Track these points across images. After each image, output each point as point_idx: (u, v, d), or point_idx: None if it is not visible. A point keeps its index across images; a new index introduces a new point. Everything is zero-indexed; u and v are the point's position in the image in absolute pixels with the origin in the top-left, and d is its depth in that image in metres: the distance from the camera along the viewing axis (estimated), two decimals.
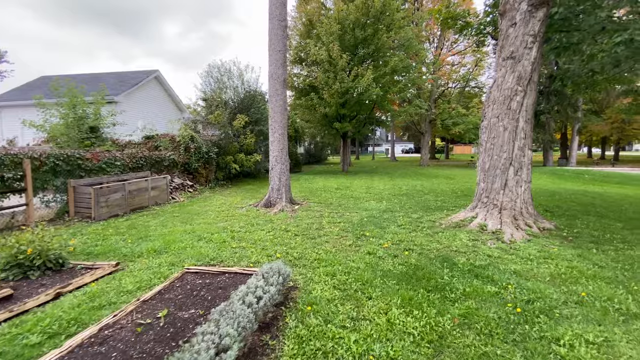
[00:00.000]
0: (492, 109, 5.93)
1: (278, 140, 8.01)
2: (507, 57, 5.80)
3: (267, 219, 6.78)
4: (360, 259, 4.24)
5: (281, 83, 7.85)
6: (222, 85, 15.34)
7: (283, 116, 7.97)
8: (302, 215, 7.10)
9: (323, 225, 6.11)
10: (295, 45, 17.73)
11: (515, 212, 5.66)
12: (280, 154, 8.06)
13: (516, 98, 5.69)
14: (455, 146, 61.22)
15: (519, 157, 5.71)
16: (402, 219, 6.45)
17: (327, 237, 5.28)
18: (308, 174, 18.81)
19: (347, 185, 12.54)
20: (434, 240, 5.02)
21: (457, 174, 18.45)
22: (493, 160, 5.86)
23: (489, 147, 5.96)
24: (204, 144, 11.52)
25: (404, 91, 18.76)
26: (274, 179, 8.12)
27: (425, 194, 10.08)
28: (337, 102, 15.59)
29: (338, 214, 7.08)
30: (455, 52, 32.81)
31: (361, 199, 9.24)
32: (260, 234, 5.60)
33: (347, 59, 14.82)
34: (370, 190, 10.90)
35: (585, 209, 7.46)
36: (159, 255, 4.70)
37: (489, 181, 5.91)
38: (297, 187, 12.12)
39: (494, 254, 4.32)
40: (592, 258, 4.18)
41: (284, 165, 8.12)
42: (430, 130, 29.37)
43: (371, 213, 7.12)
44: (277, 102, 7.89)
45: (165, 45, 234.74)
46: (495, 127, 5.86)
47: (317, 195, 9.94)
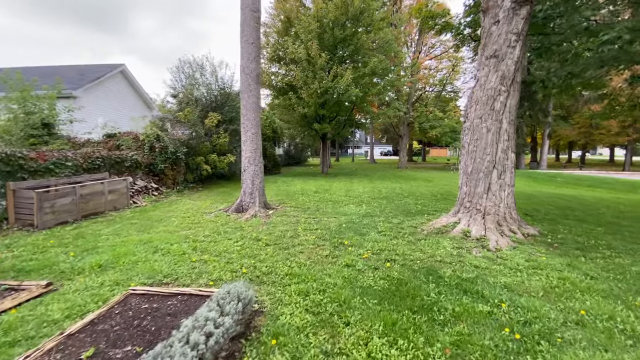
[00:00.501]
0: (475, 109, 5.68)
1: (251, 140, 7.43)
2: (490, 55, 5.57)
3: (237, 226, 6.17)
4: (337, 272, 3.77)
5: (254, 78, 7.28)
6: (194, 81, 14.49)
7: (256, 114, 7.40)
8: (277, 221, 6.55)
9: (298, 232, 5.60)
10: (273, 43, 17.15)
11: (499, 217, 5.42)
12: (254, 154, 7.47)
13: (500, 98, 5.46)
14: (431, 149, 62.69)
15: (503, 160, 5.48)
16: (383, 225, 6.06)
17: (302, 247, 4.77)
18: (286, 175, 18.23)
19: (326, 188, 12.09)
20: (416, 249, 4.65)
21: (434, 176, 18.53)
22: (476, 163, 5.60)
23: (471, 150, 5.70)
24: (171, 144, 10.68)
25: (382, 93, 18.64)
26: (246, 181, 7.51)
27: (405, 197, 9.82)
28: (316, 102, 15.16)
29: (315, 220, 6.59)
30: (432, 56, 33.42)
31: (340, 202, 8.81)
32: (226, 244, 5.00)
33: (326, 58, 14.43)
34: (350, 194, 10.51)
35: (564, 212, 7.42)
36: (104, 271, 4.01)
37: (472, 185, 5.65)
38: (274, 190, 11.53)
39: (481, 265, 3.99)
40: (582, 267, 3.94)
41: (258, 166, 7.54)
42: (408, 133, 29.63)
43: (350, 218, 6.70)
44: (249, 98, 7.31)
45: (141, 42, 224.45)
46: (478, 128, 5.61)
47: (295, 199, 9.41)
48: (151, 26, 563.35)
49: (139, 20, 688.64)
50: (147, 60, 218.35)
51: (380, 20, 15.95)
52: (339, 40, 15.73)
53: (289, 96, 15.60)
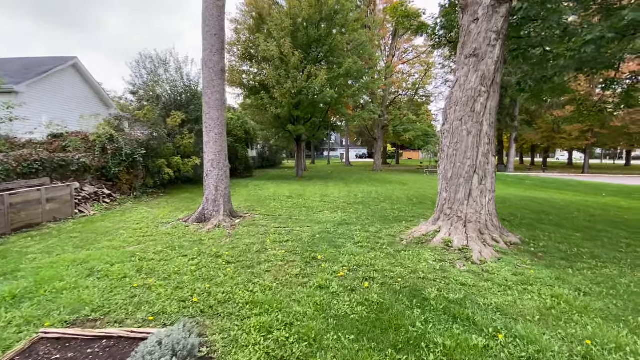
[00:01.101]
0: (455, 110, 5.37)
1: (214, 141, 6.71)
2: (470, 54, 5.28)
3: (197, 239, 5.44)
4: (308, 297, 3.21)
5: (218, 73, 6.58)
6: (156, 78, 13.42)
7: (220, 112, 6.70)
8: (243, 232, 5.88)
9: (266, 245, 4.98)
10: (244, 40, 16.38)
11: (481, 225, 5.12)
12: (218, 157, 6.75)
13: (480, 99, 5.18)
14: (404, 152, 63.99)
15: (484, 165, 5.20)
16: (359, 234, 5.59)
17: (269, 264, 4.16)
18: (259, 179, 17.45)
19: (300, 192, 11.51)
20: (396, 263, 4.19)
21: (409, 179, 18.53)
22: (456, 168, 5.28)
23: (451, 154, 5.38)
24: (127, 145, 9.63)
25: (357, 95, 18.40)
26: (209, 187, 6.77)
27: (381, 202, 9.47)
28: (289, 103, 14.56)
29: (286, 230, 5.99)
30: (405, 60, 33.99)
31: (314, 209, 8.27)
32: (180, 262, 4.28)
33: (300, 57, 13.90)
34: (325, 199, 10.00)
35: (539, 217, 7.36)
36: (17, 304, 3.19)
37: (452, 191, 5.32)
38: (244, 195, 10.78)
39: (468, 282, 3.59)
40: (571, 281, 3.66)
41: (222, 170, 6.83)
42: (382, 136, 29.77)
43: (325, 227, 6.17)
44: (212, 94, 6.59)
45: (109, 39, 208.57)
46: (458, 131, 5.29)
47: (265, 205, 8.74)
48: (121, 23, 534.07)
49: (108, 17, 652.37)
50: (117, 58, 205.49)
51: (354, 21, 15.69)
52: (313, 40, 15.27)
53: (261, 96, 14.88)
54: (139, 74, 13.29)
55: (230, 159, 19.55)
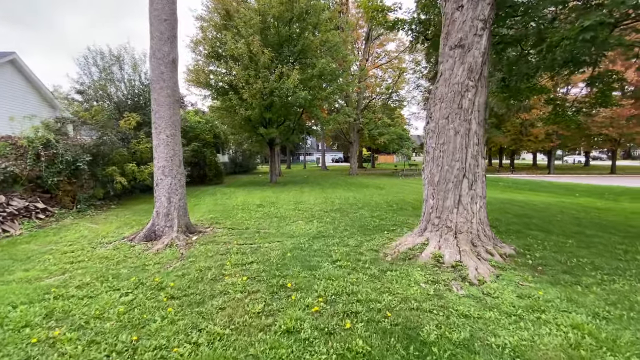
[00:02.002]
0: (440, 108, 4.80)
1: (166, 144, 5.72)
2: (455, 45, 4.74)
3: (139, 264, 4.44)
4: (271, 350, 2.39)
5: (168, 64, 5.62)
6: (110, 76, 12.07)
7: (172, 110, 5.73)
8: (199, 252, 4.94)
9: (224, 270, 4.10)
10: (210, 38, 15.32)
11: (473, 235, 4.55)
12: (170, 163, 5.76)
13: (468, 95, 4.64)
14: (379, 155, 64.53)
15: (473, 168, 4.65)
16: (338, 249, 4.84)
17: (225, 298, 3.29)
18: (230, 186, 16.31)
19: (272, 200, 10.62)
20: (383, 288, 3.47)
21: (385, 183, 18.16)
22: (444, 172, 4.69)
23: (437, 156, 4.79)
24: (68, 151, 8.31)
25: (331, 97, 17.81)
26: (160, 199, 5.76)
27: (360, 208, 8.81)
28: (260, 104, 13.66)
29: (252, 247, 5.12)
30: (378, 65, 34.17)
31: (287, 219, 7.44)
32: (108, 300, 3.31)
33: (270, 55, 13.08)
34: (300, 207, 9.19)
35: (524, 221, 6.99)
36: None
37: (440, 197, 4.72)
38: (209, 205, 9.72)
39: (471, 312, 2.93)
40: (585, 302, 3.12)
41: (176, 179, 5.84)
42: (358, 140, 29.49)
43: (298, 241, 5.36)
44: (162, 90, 5.62)
45: (71, 40, 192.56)
46: (444, 130, 4.72)
47: (232, 216, 7.79)
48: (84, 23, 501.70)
49: (69, 17, 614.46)
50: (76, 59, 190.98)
51: (327, 20, 15.13)
52: (284, 39, 14.52)
53: (230, 97, 13.88)
54: (88, 72, 11.88)
55: (198, 164, 18.33)
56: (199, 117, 19.73)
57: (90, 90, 11.25)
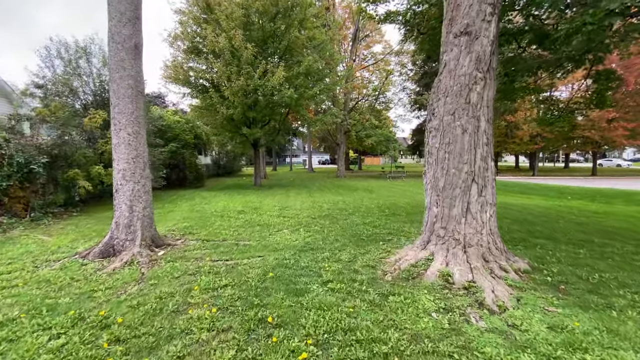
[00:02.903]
0: (445, 103, 4.21)
1: (127, 144, 4.89)
2: (461, 32, 4.18)
3: (87, 290, 3.62)
4: None
5: (130, 50, 4.81)
6: (77, 70, 10.99)
7: (135, 104, 4.91)
8: (164, 271, 4.15)
9: (191, 297, 3.34)
10: (189, 32, 14.40)
11: (483, 249, 3.97)
12: (132, 165, 4.94)
13: (476, 88, 4.08)
14: (366, 157, 64.45)
15: (483, 171, 4.08)
16: (329, 267, 4.16)
17: (185, 341, 2.55)
18: (211, 189, 15.37)
19: (255, 205, 9.84)
20: (386, 321, 2.82)
21: (374, 185, 17.66)
22: (450, 176, 4.10)
23: (442, 157, 4.19)
24: (20, 152, 7.29)
25: (318, 96, 17.17)
26: (120, 207, 4.92)
27: (350, 214, 8.18)
28: (243, 103, 12.85)
29: (228, 265, 4.37)
30: (364, 66, 33.92)
31: (271, 227, 6.71)
32: (32, 345, 2.50)
33: (254, 50, 12.31)
34: (285, 213, 8.47)
35: (526, 228, 6.53)
36: None
37: (446, 205, 4.12)
38: (185, 212, 8.85)
39: (501, 355, 2.32)
40: (628, 334, 2.57)
41: (140, 184, 5.02)
42: (345, 141, 28.97)
43: (282, 256, 4.65)
44: (122, 80, 4.80)
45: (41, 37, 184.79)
46: (450, 128, 4.14)
47: (209, 225, 6.98)
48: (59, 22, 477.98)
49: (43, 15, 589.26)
50: None
51: (313, 16, 14.51)
52: (269, 35, 13.79)
53: (210, 94, 13.01)
54: (50, 65, 10.76)
55: (177, 167, 17.27)
56: (179, 117, 18.67)
57: (51, 85, 10.15)
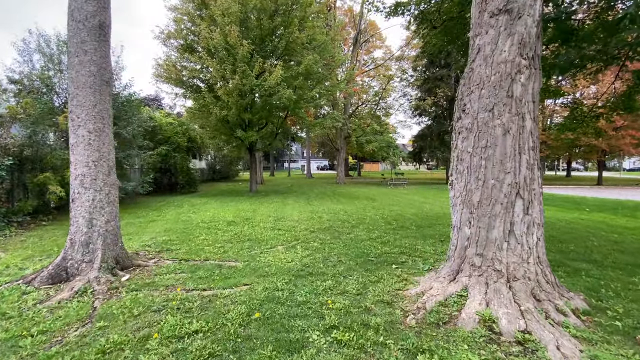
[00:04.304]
0: (480, 96, 3.37)
1: (87, 144, 4.02)
2: (500, 10, 3.36)
3: (14, 334, 2.71)
4: None
5: (93, 31, 3.96)
6: (59, 66, 10.14)
7: (99, 96, 4.05)
8: (122, 306, 3.23)
9: (144, 354, 2.44)
10: (183, 29, 13.64)
11: (532, 282, 3.10)
12: (93, 170, 4.05)
13: (520, 78, 3.25)
14: (364, 163, 63.72)
15: (529, 182, 3.23)
16: (333, 302, 3.27)
17: None
18: (203, 195, 14.46)
19: (248, 215, 8.94)
20: None
21: (376, 193, 16.79)
22: (488, 188, 3.24)
23: (477, 164, 3.34)
24: None
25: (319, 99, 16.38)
26: (77, 221, 4.02)
27: (354, 227, 7.30)
28: (238, 103, 12.01)
29: (205, 298, 3.47)
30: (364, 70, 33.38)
31: (263, 243, 5.81)
32: None
33: (250, 48, 11.53)
34: (280, 224, 7.57)
35: (558, 247, 5.66)
36: None
37: (482, 225, 3.26)
38: (169, 221, 7.93)
39: None
40: None
41: (103, 192, 4.13)
42: (345, 147, 28.20)
43: (274, 285, 3.75)
44: (83, 66, 3.95)
45: None
46: (488, 127, 3.29)
47: (192, 239, 6.08)
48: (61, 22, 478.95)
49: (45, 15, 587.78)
50: None
51: (314, 14, 13.79)
52: (267, 33, 13.02)
53: (203, 94, 12.19)
54: (28, 59, 9.90)
55: (169, 171, 16.34)
56: (172, 118, 17.83)
57: (27, 81, 9.28)
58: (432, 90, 25.08)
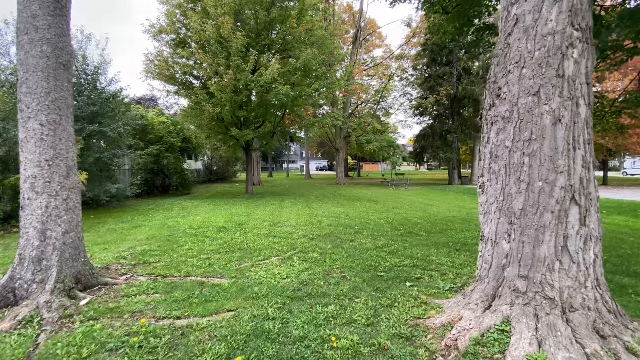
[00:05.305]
0: (521, 77, 2.70)
1: (39, 139, 3.34)
2: None
3: None
4: None
5: (46, 3, 3.28)
6: None
7: (55, 82, 3.37)
8: (69, 344, 2.54)
9: None
10: (175, 22, 12.97)
11: (593, 313, 2.42)
12: (48, 171, 3.37)
13: (572, 53, 2.58)
14: (364, 164, 63.07)
15: (586, 185, 2.55)
16: (337, 339, 2.58)
17: None
18: (196, 198, 13.77)
19: (242, 220, 8.25)
20: None
21: (378, 195, 16.13)
22: (535, 193, 2.57)
23: (519, 162, 2.66)
24: None
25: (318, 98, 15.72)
26: (27, 233, 3.33)
27: (357, 233, 6.62)
28: (232, 100, 11.33)
29: (177, 330, 2.78)
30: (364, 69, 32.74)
31: (256, 253, 5.13)
32: None
33: (245, 41, 10.86)
34: (276, 230, 6.90)
35: None
36: None
37: (526, 239, 2.58)
38: (155, 227, 7.24)
39: None
40: None
41: (61, 198, 3.44)
42: (345, 147, 27.53)
43: (264, 312, 3.06)
44: (34, 46, 3.27)
45: None
46: (532, 115, 2.62)
47: (176, 249, 5.39)
48: None
49: None
50: None
51: (313, 6, 13.13)
52: (263, 27, 12.36)
53: (195, 91, 11.51)
54: (6, 52, 9.22)
55: (162, 172, 15.61)
56: (165, 118, 17.14)
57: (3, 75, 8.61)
58: (434, 89, 24.46)
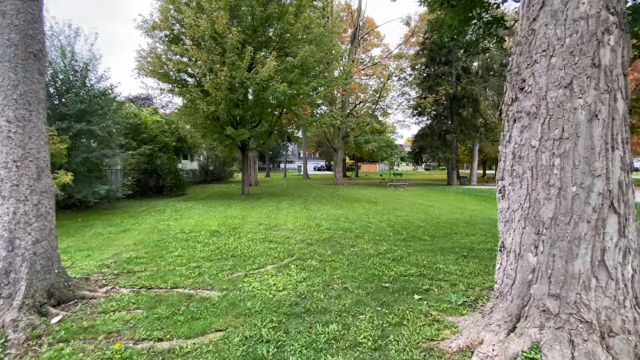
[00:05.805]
0: (549, 66, 2.38)
1: (6, 137, 2.97)
2: None
3: None
4: None
5: None
6: None
7: (23, 73, 3.00)
8: None
9: None
10: (169, 17, 12.58)
11: (633, 336, 2.11)
12: (15, 173, 3.00)
13: (609, 40, 2.27)
14: (362, 164, 62.81)
15: (625, 190, 2.24)
16: None
17: None
18: (190, 199, 13.38)
19: (236, 223, 7.90)
20: None
21: (377, 195, 15.84)
22: (567, 199, 2.24)
23: (547, 164, 2.34)
24: None
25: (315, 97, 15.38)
26: None
27: (358, 237, 6.30)
28: (227, 98, 10.97)
29: (157, 355, 2.43)
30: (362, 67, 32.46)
31: (250, 260, 4.78)
32: None
33: (240, 37, 10.51)
34: (272, 235, 6.55)
35: None
36: None
37: (557, 252, 2.26)
38: (144, 231, 6.87)
39: None
40: None
41: (31, 203, 3.08)
42: (343, 147, 27.20)
43: (256, 332, 2.73)
44: (0, 34, 2.91)
45: None
46: (563, 110, 2.30)
47: (164, 255, 5.03)
48: None
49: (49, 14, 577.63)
50: None
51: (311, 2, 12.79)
52: (259, 23, 12.01)
53: (189, 89, 11.13)
54: None
55: (155, 172, 15.18)
56: (159, 116, 16.72)
57: None
58: (432, 88, 24.20)
